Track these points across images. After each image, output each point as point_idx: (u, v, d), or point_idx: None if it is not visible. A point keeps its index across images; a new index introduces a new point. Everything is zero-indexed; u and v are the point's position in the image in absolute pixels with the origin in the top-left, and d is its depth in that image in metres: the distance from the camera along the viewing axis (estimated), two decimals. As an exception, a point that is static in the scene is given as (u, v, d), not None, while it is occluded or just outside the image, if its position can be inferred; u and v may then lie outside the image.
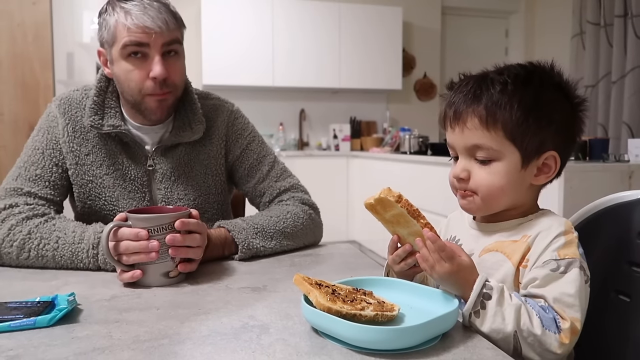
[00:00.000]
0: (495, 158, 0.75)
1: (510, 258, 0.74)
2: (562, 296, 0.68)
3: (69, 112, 1.13)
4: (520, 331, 0.65)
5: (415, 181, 3.39)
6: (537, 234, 0.74)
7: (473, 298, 0.67)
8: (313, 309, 0.64)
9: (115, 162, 1.13)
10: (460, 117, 0.76)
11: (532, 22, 5.62)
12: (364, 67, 4.95)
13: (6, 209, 1.02)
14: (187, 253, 0.89)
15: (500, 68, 0.78)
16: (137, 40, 1.02)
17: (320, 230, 1.22)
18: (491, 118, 0.73)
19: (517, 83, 0.74)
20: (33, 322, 0.67)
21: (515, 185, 0.76)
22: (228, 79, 4.59)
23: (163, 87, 1.06)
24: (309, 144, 5.19)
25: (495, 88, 0.74)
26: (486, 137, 0.74)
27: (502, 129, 0.73)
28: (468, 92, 0.76)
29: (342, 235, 4.45)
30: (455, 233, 0.86)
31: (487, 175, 0.75)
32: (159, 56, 1.04)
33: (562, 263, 0.70)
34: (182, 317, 0.72)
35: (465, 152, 0.77)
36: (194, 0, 4.60)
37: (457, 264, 0.69)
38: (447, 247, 0.70)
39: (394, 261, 0.79)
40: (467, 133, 0.75)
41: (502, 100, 0.73)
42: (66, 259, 0.96)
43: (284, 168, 1.28)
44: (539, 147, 0.75)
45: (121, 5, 1.03)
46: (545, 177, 0.77)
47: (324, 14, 4.81)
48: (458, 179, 0.78)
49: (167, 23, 1.03)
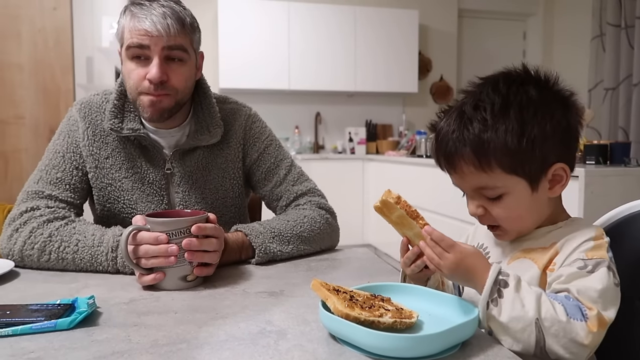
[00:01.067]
0: (503, 193, 0.73)
1: (537, 263, 0.73)
2: (587, 290, 0.65)
3: (89, 115, 1.15)
4: (543, 320, 0.62)
5: (431, 185, 3.37)
6: (565, 240, 0.72)
7: (489, 285, 0.65)
8: (331, 315, 0.63)
9: (134, 165, 1.14)
10: (453, 163, 0.74)
11: (550, 24, 5.56)
12: (379, 70, 4.94)
13: (28, 211, 1.03)
14: (204, 257, 0.89)
15: (474, 97, 0.74)
16: (138, 42, 1.04)
17: (337, 234, 1.21)
18: (484, 159, 0.71)
19: (496, 114, 0.71)
20: (54, 324, 0.68)
21: (533, 207, 0.75)
22: (244, 82, 4.62)
23: (159, 89, 1.06)
24: (324, 147, 5.20)
25: (475, 127, 0.71)
26: (486, 178, 0.72)
27: (498, 167, 0.71)
28: (451, 134, 0.73)
29: (358, 239, 4.44)
30: (483, 241, 0.85)
31: (502, 210, 0.74)
32: (158, 59, 1.04)
33: (589, 262, 0.68)
34: (200, 321, 0.72)
35: (474, 192, 0.76)
36: (211, 5, 4.65)
37: (459, 251, 0.68)
38: (446, 238, 0.69)
39: (405, 264, 0.79)
40: (467, 177, 0.74)
41: (487, 138, 0.70)
42: (86, 262, 0.98)
43: (301, 172, 1.28)
44: (542, 166, 0.73)
45: (130, 9, 1.06)
46: (560, 186, 0.75)
47: (340, 18, 4.82)
48: (477, 216, 0.77)
49: (168, 27, 1.03)
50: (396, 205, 0.73)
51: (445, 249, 0.68)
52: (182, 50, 1.07)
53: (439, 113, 0.79)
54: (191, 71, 1.13)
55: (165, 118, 1.12)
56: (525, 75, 0.76)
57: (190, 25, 1.09)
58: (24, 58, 2.08)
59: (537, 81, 0.75)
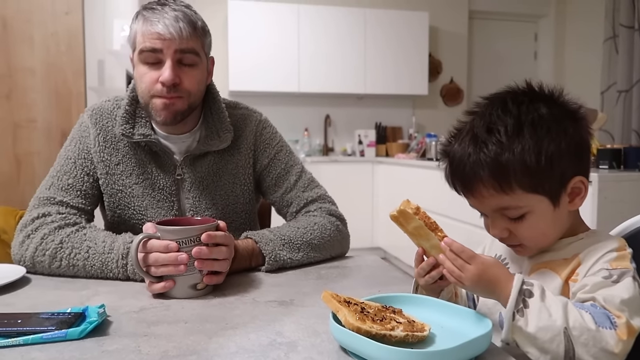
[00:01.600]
0: (526, 212, 0.73)
1: (559, 273, 0.72)
2: (614, 298, 0.64)
3: (100, 122, 1.15)
4: (572, 329, 0.61)
5: (441, 188, 3.33)
6: (588, 251, 0.71)
7: (514, 296, 0.64)
8: (342, 328, 0.62)
9: (145, 171, 1.15)
10: (472, 187, 0.74)
11: (562, 26, 5.51)
12: (389, 73, 4.92)
13: (39, 218, 1.04)
14: (214, 266, 0.89)
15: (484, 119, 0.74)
16: (151, 46, 1.04)
17: (347, 241, 1.21)
18: (504, 181, 0.71)
19: (510, 135, 0.70)
20: (64, 334, 0.68)
21: (556, 223, 0.74)
22: (254, 85, 4.63)
23: (172, 91, 1.07)
24: (334, 149, 5.19)
25: (491, 150, 0.70)
26: (507, 200, 0.72)
27: (519, 187, 0.71)
28: (466, 159, 0.73)
29: (367, 242, 4.43)
30: (500, 252, 0.84)
31: (527, 230, 0.74)
32: (171, 62, 1.05)
33: (614, 272, 0.67)
34: (210, 331, 0.71)
35: (494, 214, 0.75)
36: (221, 7, 4.66)
37: (480, 262, 0.67)
38: (467, 249, 0.68)
39: (419, 274, 0.78)
40: (487, 200, 0.74)
41: (505, 160, 0.70)
42: (96, 269, 0.98)
43: (312, 178, 1.27)
44: (561, 181, 0.72)
45: (143, 13, 1.07)
46: (580, 199, 0.75)
47: (349, 20, 4.81)
48: (501, 238, 0.77)
49: (180, 30, 1.04)
50: (415, 215, 0.73)
51: (466, 260, 0.67)
52: (194, 54, 1.08)
53: (449, 138, 0.78)
54: (203, 74, 1.13)
55: (178, 121, 1.12)
56: (531, 92, 0.75)
57: (201, 28, 1.10)
58: (36, 62, 2.10)
59: (545, 98, 0.74)
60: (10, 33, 2.06)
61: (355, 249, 1.18)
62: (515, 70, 5.38)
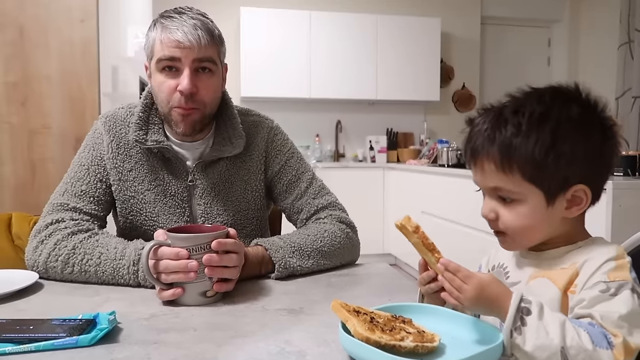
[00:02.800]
0: (517, 199, 0.73)
1: (557, 283, 0.71)
2: (611, 314, 0.63)
3: (113, 129, 1.16)
4: (569, 348, 0.60)
5: (452, 195, 3.32)
6: (585, 260, 0.70)
7: (512, 314, 0.63)
8: (351, 338, 0.62)
9: (157, 177, 1.16)
10: (477, 158, 0.75)
11: (576, 31, 5.46)
12: (401, 79, 4.91)
13: (53, 224, 1.05)
14: (224, 273, 0.89)
15: (516, 101, 0.74)
16: (170, 55, 1.06)
17: (357, 249, 1.20)
18: (506, 162, 0.71)
19: (532, 122, 0.70)
20: (75, 341, 0.68)
21: (545, 222, 0.73)
22: (266, 91, 4.66)
23: (189, 102, 1.08)
24: (345, 155, 5.19)
25: (508, 130, 0.71)
26: (504, 180, 0.72)
27: (519, 172, 0.71)
28: (483, 132, 0.74)
29: (378, 248, 4.41)
30: (503, 260, 0.83)
31: (513, 217, 0.73)
32: (189, 70, 1.06)
33: (612, 285, 0.65)
34: (219, 340, 0.71)
35: (489, 192, 0.76)
36: (233, 13, 4.70)
37: (477, 281, 0.66)
38: (463, 268, 0.68)
39: (420, 283, 0.78)
40: (486, 175, 0.74)
41: (516, 143, 0.70)
42: (108, 275, 0.98)
43: (322, 185, 1.27)
44: (563, 184, 0.71)
45: (161, 21, 1.08)
46: (577, 209, 0.73)
47: (361, 26, 4.82)
48: (487, 219, 0.76)
49: (199, 39, 1.05)
50: (414, 234, 0.73)
51: (463, 280, 0.67)
52: (212, 62, 1.10)
53: (480, 110, 0.78)
54: (219, 82, 1.15)
55: (198, 131, 1.14)
56: (574, 93, 0.74)
57: (218, 37, 1.12)
58: (52, 69, 2.13)
59: (584, 102, 0.74)
60: (27, 41, 2.09)
61: (365, 255, 1.17)
62: (528, 76, 5.33)
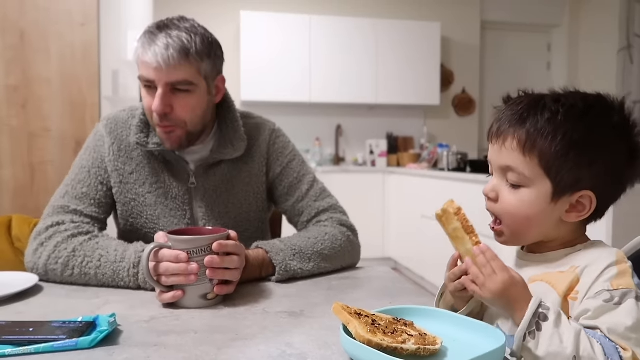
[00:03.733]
0: (525, 184, 0.72)
1: (556, 288, 0.70)
2: (618, 327, 0.63)
3: (115, 131, 1.16)
4: (581, 358, 0.60)
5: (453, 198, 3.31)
6: (586, 265, 0.69)
7: (528, 317, 0.63)
8: (353, 340, 0.62)
9: (158, 180, 1.15)
10: (502, 134, 0.74)
11: (575, 36, 5.47)
12: (401, 83, 4.92)
13: (53, 226, 1.05)
14: (225, 275, 0.89)
15: (559, 94, 0.74)
16: (146, 77, 1.05)
17: (358, 252, 1.20)
18: (530, 143, 0.70)
19: (570, 115, 0.70)
20: (75, 343, 0.68)
21: (542, 217, 0.72)
22: (266, 95, 4.66)
23: (164, 120, 1.07)
24: (345, 159, 5.19)
25: (544, 115, 0.70)
26: (520, 160, 0.71)
27: (537, 157, 0.70)
28: (516, 112, 0.73)
29: (378, 252, 4.40)
30: (507, 263, 0.82)
31: (514, 201, 0.73)
32: (162, 90, 1.04)
33: (616, 294, 0.65)
34: (220, 342, 0.71)
35: (499, 171, 0.75)
36: (234, 17, 4.71)
37: (510, 276, 0.66)
38: (498, 259, 0.67)
39: (450, 279, 0.76)
40: (504, 152, 0.73)
41: (547, 129, 0.70)
42: (108, 277, 0.98)
43: (323, 188, 1.27)
44: (574, 184, 0.71)
45: (142, 37, 1.06)
46: (576, 215, 0.72)
47: (361, 30, 4.83)
48: (487, 197, 0.76)
49: (168, 59, 1.01)
50: (455, 216, 0.72)
51: (495, 269, 0.66)
52: (186, 84, 1.06)
53: (520, 92, 0.78)
54: (200, 99, 1.10)
55: (185, 146, 1.13)
56: (618, 106, 0.74)
57: (196, 54, 1.05)
58: (52, 72, 2.13)
59: (625, 117, 0.73)
60: (28, 44, 2.10)
61: (366, 259, 1.17)
62: (528, 81, 5.32)
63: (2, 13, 2.06)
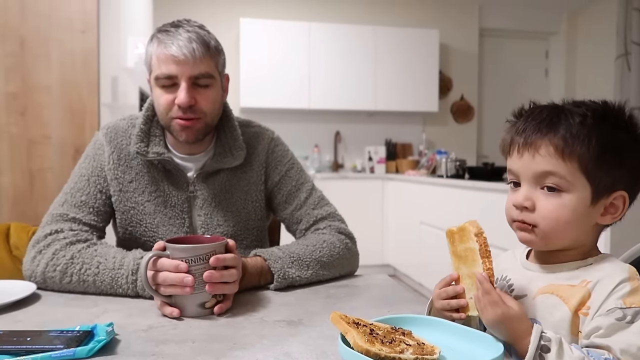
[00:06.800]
0: (565, 189, 0.71)
1: (567, 302, 0.70)
2: (631, 347, 0.62)
3: (114, 140, 1.17)
4: None
5: (451, 205, 3.32)
6: (597, 280, 0.69)
7: (531, 352, 0.63)
8: (351, 350, 0.62)
9: (157, 189, 1.16)
10: (532, 143, 0.73)
11: (573, 43, 5.50)
12: (400, 90, 4.94)
13: (52, 234, 1.05)
14: (224, 289, 0.89)
15: (574, 101, 0.75)
16: (167, 73, 1.06)
17: (356, 260, 1.20)
18: (568, 149, 0.70)
19: (596, 118, 0.71)
20: (72, 353, 0.68)
21: (581, 221, 0.72)
22: (265, 101, 4.67)
23: (188, 112, 1.08)
24: (343, 166, 5.19)
25: (575, 119, 0.71)
26: (561, 165, 0.70)
27: (577, 161, 0.70)
28: (543, 120, 0.73)
29: (377, 258, 4.40)
30: (506, 273, 0.82)
31: (554, 207, 0.71)
32: (186, 84, 1.07)
33: (628, 312, 0.65)
34: (218, 352, 0.71)
35: (532, 180, 0.73)
36: (233, 25, 4.73)
37: (501, 312, 0.66)
38: (493, 293, 0.67)
39: (439, 295, 0.76)
40: (539, 160, 0.72)
41: (582, 133, 0.70)
42: (106, 284, 0.98)
43: (322, 196, 1.27)
44: (610, 186, 0.71)
45: (157, 36, 1.09)
46: (611, 217, 0.72)
47: (360, 37, 4.85)
48: (521, 207, 0.73)
49: (194, 51, 1.05)
50: (475, 237, 0.72)
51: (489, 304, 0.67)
52: (209, 77, 1.10)
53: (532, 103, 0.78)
54: (218, 93, 1.15)
55: (200, 139, 1.15)
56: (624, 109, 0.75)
57: (214, 48, 1.11)
58: (52, 79, 2.14)
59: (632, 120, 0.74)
60: (28, 51, 2.10)
61: (364, 266, 1.17)
62: (526, 88, 5.37)
63: (3, 20, 2.06)
